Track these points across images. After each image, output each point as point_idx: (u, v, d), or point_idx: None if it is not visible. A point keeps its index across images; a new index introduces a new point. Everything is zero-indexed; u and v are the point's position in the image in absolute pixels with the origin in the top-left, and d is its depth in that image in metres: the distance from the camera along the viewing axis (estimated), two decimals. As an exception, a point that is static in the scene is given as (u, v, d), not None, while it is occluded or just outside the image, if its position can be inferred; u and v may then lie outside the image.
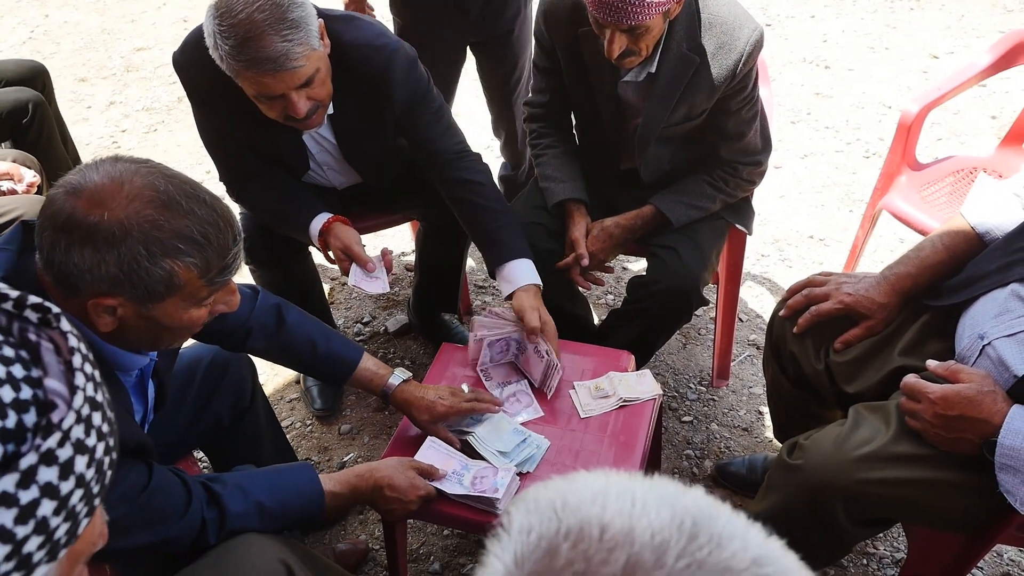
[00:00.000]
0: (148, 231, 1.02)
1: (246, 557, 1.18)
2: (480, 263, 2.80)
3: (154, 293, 1.05)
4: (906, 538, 1.62)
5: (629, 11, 1.52)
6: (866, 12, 4.29)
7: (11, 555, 0.50)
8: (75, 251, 0.99)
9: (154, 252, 1.02)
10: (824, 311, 1.54)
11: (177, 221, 1.04)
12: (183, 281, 1.07)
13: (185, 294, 1.09)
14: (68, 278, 1.01)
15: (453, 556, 1.91)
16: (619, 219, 1.90)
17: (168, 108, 3.80)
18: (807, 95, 3.65)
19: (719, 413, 2.25)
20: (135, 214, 1.01)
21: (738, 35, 1.69)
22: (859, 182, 3.10)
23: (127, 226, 1.00)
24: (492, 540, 0.47)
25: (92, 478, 0.55)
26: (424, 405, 1.55)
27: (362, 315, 2.62)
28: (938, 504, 1.30)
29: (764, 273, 2.71)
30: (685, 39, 1.70)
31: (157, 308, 1.07)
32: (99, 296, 1.02)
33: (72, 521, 0.54)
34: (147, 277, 1.03)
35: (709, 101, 1.77)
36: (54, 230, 1.00)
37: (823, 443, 1.35)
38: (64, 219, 1.00)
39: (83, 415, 0.55)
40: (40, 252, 1.03)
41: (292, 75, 1.53)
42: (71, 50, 4.34)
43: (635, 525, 0.44)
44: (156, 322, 1.09)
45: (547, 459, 1.55)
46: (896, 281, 1.50)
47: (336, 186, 2.04)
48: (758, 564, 0.43)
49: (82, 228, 0.99)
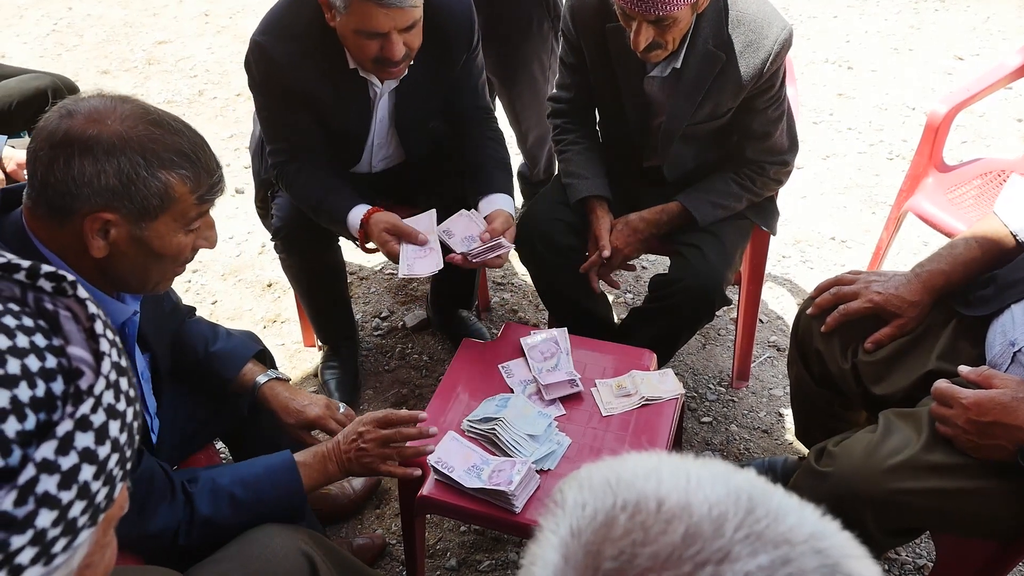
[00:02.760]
0: (145, 143, 1.06)
1: (268, 548, 1.18)
2: (499, 260, 2.79)
3: (149, 208, 1.08)
4: (934, 545, 1.60)
5: (657, 1, 1.51)
6: (890, 13, 4.25)
7: (57, 520, 0.50)
8: (75, 163, 1.02)
9: (151, 162, 1.06)
10: (853, 310, 1.52)
11: (169, 137, 1.09)
12: (177, 195, 1.10)
13: (176, 211, 1.11)
14: (65, 197, 1.03)
15: (470, 552, 1.90)
16: (643, 213, 1.88)
17: (189, 101, 3.82)
18: (829, 96, 3.61)
19: (739, 414, 2.23)
20: (131, 128, 1.06)
21: (766, 33, 1.67)
22: (882, 184, 3.06)
23: (125, 137, 1.05)
24: (545, 516, 0.47)
25: (125, 442, 0.56)
26: (292, 409, 1.48)
27: (380, 310, 2.62)
28: (970, 513, 1.27)
29: (785, 274, 2.69)
30: (712, 36, 1.68)
31: (150, 228, 1.10)
32: (96, 210, 1.05)
33: (110, 485, 0.55)
34: (144, 189, 1.06)
35: (735, 100, 1.75)
36: (51, 147, 1.03)
37: (853, 451, 1.33)
38: (62, 135, 1.03)
39: (111, 380, 0.55)
40: (33, 178, 1.05)
41: (405, 14, 1.60)
42: (94, 43, 4.37)
43: (691, 499, 0.44)
44: (147, 247, 1.11)
45: (568, 457, 1.53)
46: (928, 279, 1.47)
47: (374, 166, 2.05)
48: (815, 538, 0.43)
49: (81, 140, 1.03)
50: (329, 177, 1.89)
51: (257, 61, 1.79)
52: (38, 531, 0.49)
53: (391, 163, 2.07)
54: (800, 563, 0.41)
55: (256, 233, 2.91)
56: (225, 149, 3.45)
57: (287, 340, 2.52)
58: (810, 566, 0.41)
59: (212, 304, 2.68)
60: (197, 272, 2.81)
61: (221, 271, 2.81)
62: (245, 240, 2.92)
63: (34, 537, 0.49)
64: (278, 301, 2.66)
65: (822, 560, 0.42)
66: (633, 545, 0.42)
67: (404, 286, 2.70)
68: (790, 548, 0.42)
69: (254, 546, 1.18)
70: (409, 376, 2.38)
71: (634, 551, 0.42)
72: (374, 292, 2.70)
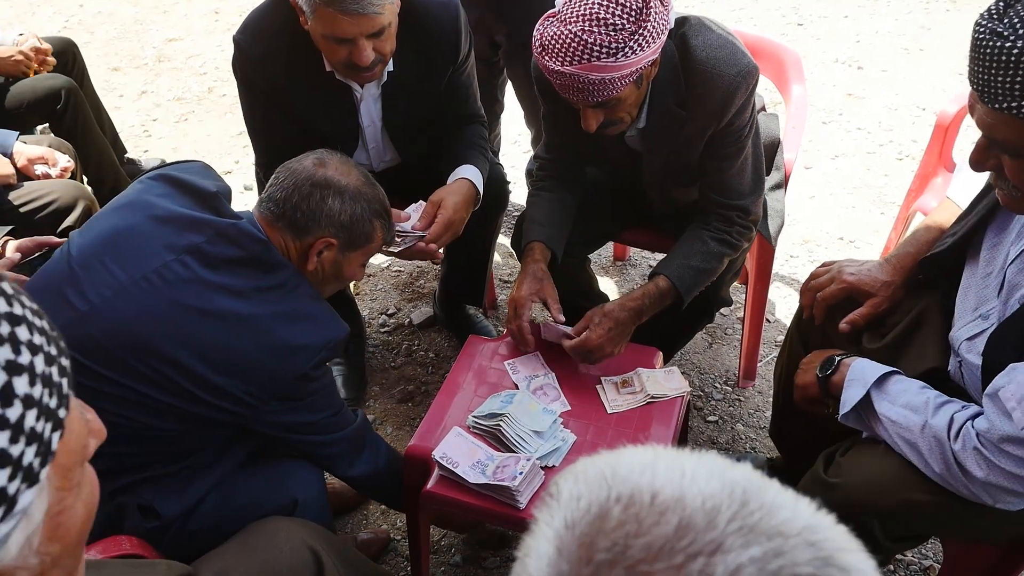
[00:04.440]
0: (370, 197, 1.44)
1: (274, 541, 1.18)
2: (506, 257, 2.80)
3: (356, 243, 1.44)
4: (942, 547, 1.59)
5: (593, 90, 1.44)
6: (901, 13, 4.23)
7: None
8: (329, 200, 1.39)
9: (371, 211, 1.44)
10: (829, 294, 1.56)
11: (380, 197, 1.48)
12: (375, 238, 1.47)
13: (369, 249, 1.48)
14: (310, 222, 1.38)
15: (475, 549, 1.91)
16: (624, 301, 1.69)
17: (199, 98, 3.84)
18: (839, 95, 3.60)
19: (745, 414, 2.23)
20: (364, 184, 1.44)
21: (716, 84, 1.56)
22: (891, 184, 3.05)
23: (360, 191, 1.43)
24: (540, 509, 0.48)
25: (42, 393, 0.53)
26: None
27: (387, 307, 2.62)
28: (978, 520, 1.27)
29: (793, 274, 2.68)
30: (671, 93, 1.60)
31: (349, 256, 1.45)
32: (327, 236, 1.39)
33: (37, 443, 0.52)
34: (361, 228, 1.43)
35: (701, 144, 1.68)
36: (312, 185, 1.38)
37: (863, 462, 1.33)
38: (321, 178, 1.39)
39: (4, 334, 0.51)
40: (287, 201, 1.38)
41: (369, 21, 1.59)
42: (104, 39, 4.39)
43: (686, 492, 0.44)
44: (339, 270, 1.46)
45: (573, 454, 1.53)
46: (898, 261, 1.53)
47: (374, 167, 2.06)
48: (809, 531, 0.43)
49: (337, 186, 1.40)
50: None
51: (238, 61, 1.81)
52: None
53: (391, 164, 2.08)
54: (793, 555, 0.41)
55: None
56: (234, 146, 3.47)
57: (294, 336, 2.53)
58: (803, 558, 0.41)
59: (220, 300, 2.69)
60: (205, 268, 2.82)
61: (229, 267, 2.82)
62: (253, 236, 2.93)
63: None
64: (285, 297, 2.67)
65: (815, 553, 0.42)
66: (626, 536, 0.43)
67: (411, 283, 2.71)
68: (783, 540, 0.42)
69: (259, 539, 1.18)
70: (415, 373, 2.39)
71: (627, 542, 0.42)
72: (381, 289, 2.70)
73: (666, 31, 1.47)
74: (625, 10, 1.40)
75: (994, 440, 1.14)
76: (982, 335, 1.27)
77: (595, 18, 1.39)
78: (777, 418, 1.85)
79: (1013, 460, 1.13)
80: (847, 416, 1.35)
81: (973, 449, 1.17)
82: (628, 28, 1.40)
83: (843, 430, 1.41)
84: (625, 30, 1.40)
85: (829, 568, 0.41)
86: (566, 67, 1.42)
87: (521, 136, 3.32)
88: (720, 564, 0.41)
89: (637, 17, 1.41)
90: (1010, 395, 1.12)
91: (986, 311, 1.30)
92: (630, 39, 1.40)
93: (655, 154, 1.72)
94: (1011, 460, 1.14)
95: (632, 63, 1.42)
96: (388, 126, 1.94)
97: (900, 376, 1.34)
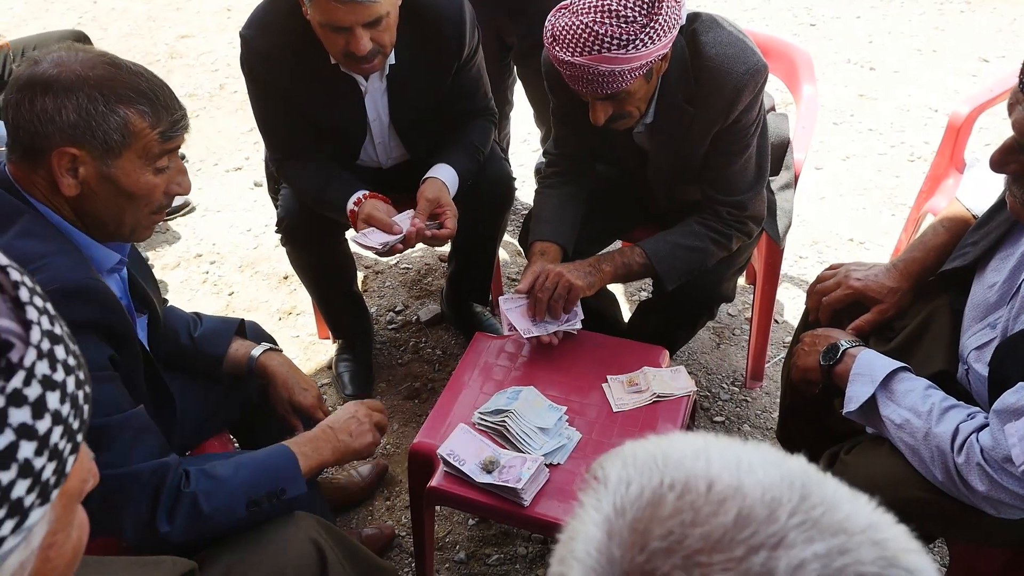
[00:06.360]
0: (103, 80, 1.13)
1: (279, 535, 1.19)
2: (513, 256, 2.80)
3: (111, 143, 1.13)
4: (948, 549, 1.58)
5: (603, 82, 1.45)
6: (914, 14, 4.20)
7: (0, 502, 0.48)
8: (37, 101, 1.10)
9: (108, 96, 1.13)
10: (834, 299, 1.54)
11: (127, 76, 1.16)
12: (137, 130, 1.15)
13: (139, 148, 1.16)
14: (34, 137, 1.10)
15: (479, 546, 1.91)
16: (612, 254, 1.74)
17: (210, 95, 3.85)
18: (850, 96, 3.58)
19: (752, 415, 2.22)
20: (90, 68, 1.13)
21: (725, 81, 1.56)
22: (903, 186, 3.03)
23: (83, 76, 1.12)
24: (586, 493, 0.46)
25: (69, 413, 0.53)
26: (291, 385, 1.51)
27: (395, 304, 2.63)
28: (984, 522, 1.26)
29: (802, 275, 2.66)
30: (680, 89, 1.60)
31: (116, 165, 1.15)
32: (61, 146, 1.11)
33: (57, 459, 0.52)
34: (103, 123, 1.12)
35: (707, 141, 1.68)
36: (18, 90, 1.12)
37: (868, 461, 1.32)
38: (26, 79, 1.12)
39: (44, 350, 0.52)
40: (6, 122, 1.12)
41: (365, 9, 1.58)
42: (117, 36, 4.42)
43: (743, 482, 0.42)
44: (116, 185, 1.16)
45: (578, 452, 1.53)
46: (904, 267, 1.51)
47: (383, 163, 2.06)
48: (873, 529, 0.41)
49: (42, 81, 1.11)
50: (329, 167, 1.91)
51: (245, 56, 1.82)
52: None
53: (400, 159, 2.08)
54: (857, 554, 0.40)
55: (274, 226, 2.93)
56: (244, 143, 3.48)
57: (302, 332, 2.54)
58: (868, 557, 0.40)
59: (229, 295, 2.70)
60: (215, 264, 2.83)
61: (238, 263, 2.83)
62: (263, 232, 2.95)
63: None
64: (294, 294, 2.68)
65: (880, 552, 0.41)
66: (682, 525, 0.41)
67: (419, 280, 2.72)
68: (847, 538, 0.40)
69: (264, 533, 1.19)
70: (422, 370, 2.39)
71: (684, 531, 0.41)
72: (388, 286, 2.71)
73: (677, 26, 1.47)
74: (637, 3, 1.41)
75: (998, 459, 1.13)
76: (989, 345, 1.26)
77: (607, 9, 1.40)
78: (785, 419, 1.84)
79: (1016, 481, 1.13)
80: (852, 412, 1.34)
81: (976, 464, 1.16)
82: (640, 21, 1.41)
83: (851, 431, 1.40)
84: (636, 22, 1.41)
85: (894, 569, 0.40)
86: (576, 58, 1.43)
87: (530, 135, 3.32)
88: (783, 559, 0.39)
89: (649, 10, 1.41)
90: (1014, 431, 1.11)
91: (994, 320, 1.29)
92: (641, 31, 1.41)
93: (661, 151, 1.72)
94: (1014, 480, 1.13)
95: (642, 56, 1.43)
96: (395, 121, 1.94)
97: (907, 374, 1.32)
